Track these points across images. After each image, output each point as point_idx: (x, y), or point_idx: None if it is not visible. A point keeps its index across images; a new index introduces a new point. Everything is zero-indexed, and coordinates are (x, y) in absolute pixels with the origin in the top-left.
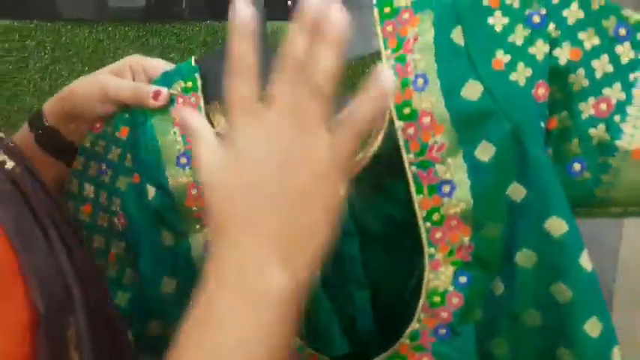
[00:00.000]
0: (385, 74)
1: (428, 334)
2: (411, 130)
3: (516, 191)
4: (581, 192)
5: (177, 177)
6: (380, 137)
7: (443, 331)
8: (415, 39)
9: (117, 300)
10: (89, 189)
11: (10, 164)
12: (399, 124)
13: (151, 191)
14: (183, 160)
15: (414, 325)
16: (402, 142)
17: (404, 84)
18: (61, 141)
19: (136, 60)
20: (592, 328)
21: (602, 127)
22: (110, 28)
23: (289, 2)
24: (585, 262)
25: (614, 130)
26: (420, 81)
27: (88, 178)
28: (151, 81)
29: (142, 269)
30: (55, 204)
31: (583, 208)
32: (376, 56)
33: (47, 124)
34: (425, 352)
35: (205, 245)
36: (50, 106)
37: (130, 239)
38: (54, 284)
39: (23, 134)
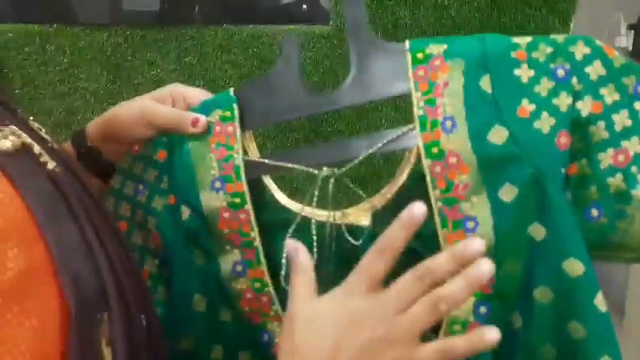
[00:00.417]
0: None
1: None
2: (437, 169)
3: (537, 231)
4: (597, 236)
5: (210, 200)
6: (406, 173)
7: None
8: (445, 84)
9: None
10: (125, 207)
11: (51, 165)
12: (426, 162)
13: (186, 212)
14: (218, 185)
15: None
16: (429, 179)
17: (433, 125)
18: (101, 160)
19: (176, 88)
20: None
21: (619, 176)
22: (128, 32)
23: (304, 6)
24: (600, 302)
25: (630, 180)
26: (449, 123)
27: (124, 196)
28: (190, 108)
29: (175, 286)
30: (95, 205)
31: (598, 251)
32: (407, 98)
33: (89, 144)
34: None
35: (234, 266)
36: (93, 127)
37: (164, 258)
38: (88, 282)
39: (66, 149)
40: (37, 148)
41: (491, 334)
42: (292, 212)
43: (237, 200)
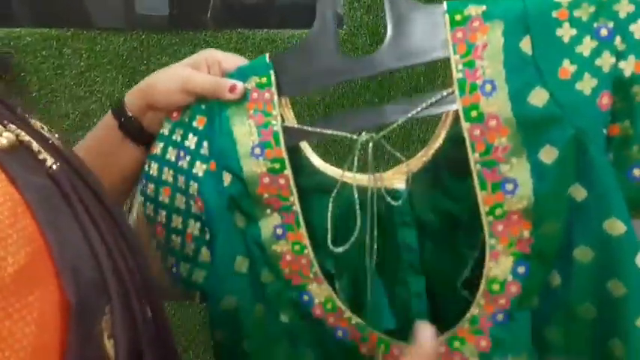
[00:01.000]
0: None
1: (486, 319)
2: (477, 132)
3: (577, 192)
4: (639, 196)
5: (251, 167)
6: (442, 137)
7: (500, 316)
8: (484, 46)
9: (194, 277)
10: (168, 173)
11: (50, 161)
12: (465, 125)
13: (227, 178)
14: (257, 151)
15: (474, 311)
16: (468, 142)
17: (472, 88)
18: (142, 129)
19: (211, 53)
20: None
21: None
22: (143, 37)
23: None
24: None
25: None
26: (488, 86)
27: (166, 162)
28: (225, 74)
29: (217, 249)
30: (97, 200)
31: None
32: (445, 61)
33: (130, 114)
34: (482, 335)
35: (275, 229)
36: (130, 97)
37: (206, 221)
38: (88, 276)
39: (107, 120)
40: (35, 146)
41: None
42: (330, 177)
43: (277, 166)
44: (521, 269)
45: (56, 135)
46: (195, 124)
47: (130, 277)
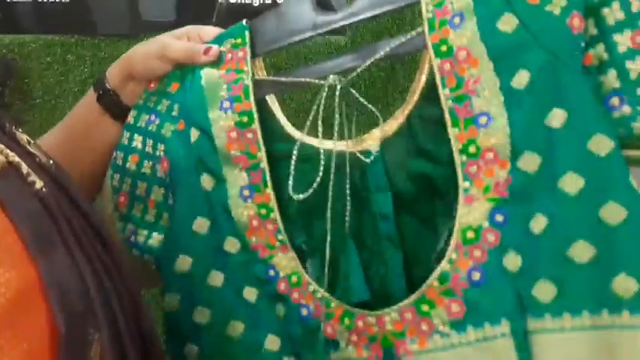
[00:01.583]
0: None
1: (459, 277)
2: (447, 66)
3: (557, 116)
4: (622, 127)
5: (219, 120)
6: (416, 96)
7: (477, 275)
8: None
9: (150, 241)
10: (137, 139)
11: (39, 184)
12: (436, 62)
13: (195, 134)
14: (226, 105)
15: (444, 266)
16: (438, 79)
17: (441, 24)
18: (120, 103)
19: (193, 27)
20: None
21: None
22: None
23: None
24: (633, 182)
25: None
26: (457, 19)
27: (137, 129)
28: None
29: (177, 209)
30: (85, 222)
31: (632, 151)
32: (415, 6)
33: (108, 86)
34: (455, 298)
35: (241, 190)
36: (113, 69)
37: (170, 184)
38: (76, 303)
39: (88, 96)
40: (24, 167)
41: None
42: (297, 140)
43: (245, 119)
44: (499, 217)
45: (41, 150)
46: (169, 89)
47: (119, 303)
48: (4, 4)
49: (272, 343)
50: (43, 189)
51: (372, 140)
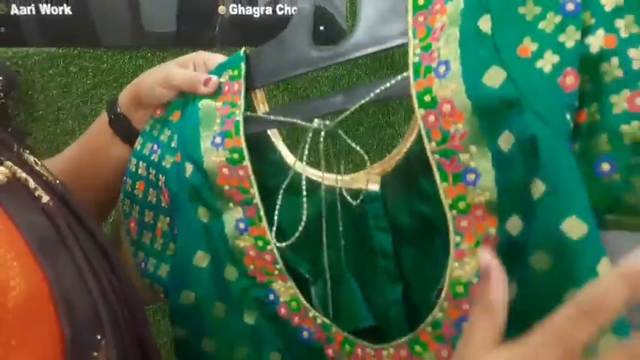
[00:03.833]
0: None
1: (450, 325)
2: (431, 118)
3: (537, 188)
4: (609, 195)
5: (210, 156)
6: (414, 134)
7: (465, 324)
8: (442, 28)
9: (159, 271)
10: (142, 167)
11: (45, 199)
12: (420, 112)
13: (189, 168)
14: (218, 140)
15: (437, 314)
16: (423, 132)
17: (427, 71)
18: (130, 127)
19: (199, 54)
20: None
21: (636, 124)
22: (149, 55)
23: (322, 27)
24: (604, 270)
25: None
26: (442, 68)
27: (142, 157)
28: (209, 72)
29: (178, 241)
30: (89, 236)
31: (612, 216)
32: (406, 46)
33: (119, 111)
34: (445, 344)
35: (237, 223)
36: (123, 94)
37: (173, 215)
38: (82, 309)
39: (101, 117)
40: (32, 183)
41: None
42: (298, 173)
43: (236, 156)
44: None
45: (48, 170)
46: (171, 118)
47: (121, 312)
48: (7, 18)
49: None
50: (50, 203)
51: (371, 177)
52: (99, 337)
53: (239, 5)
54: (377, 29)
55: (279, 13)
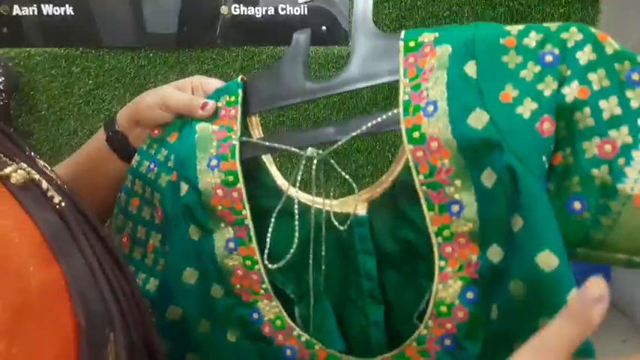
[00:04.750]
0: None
1: (434, 341)
2: (420, 153)
3: (516, 222)
4: (579, 231)
5: (206, 177)
6: (401, 164)
7: (448, 341)
8: (431, 69)
9: (148, 286)
10: (138, 184)
11: (57, 199)
12: (409, 147)
13: (184, 188)
14: (214, 163)
15: (422, 330)
16: (412, 164)
17: (416, 109)
18: (127, 145)
19: (196, 78)
20: None
21: (605, 168)
22: (151, 55)
23: (324, 28)
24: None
25: (617, 173)
26: (430, 107)
27: (139, 174)
28: (207, 96)
29: (169, 259)
30: (98, 237)
31: (582, 249)
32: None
33: (117, 128)
34: (428, 358)
35: (227, 243)
36: (122, 113)
37: (165, 232)
38: (94, 303)
39: (98, 134)
40: (45, 184)
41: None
42: (290, 197)
43: (231, 178)
44: (470, 295)
45: (57, 175)
46: (168, 138)
47: (128, 307)
48: (10, 18)
49: None
50: (62, 203)
51: (359, 202)
52: (109, 332)
53: (241, 5)
54: (369, 66)
55: (281, 13)
